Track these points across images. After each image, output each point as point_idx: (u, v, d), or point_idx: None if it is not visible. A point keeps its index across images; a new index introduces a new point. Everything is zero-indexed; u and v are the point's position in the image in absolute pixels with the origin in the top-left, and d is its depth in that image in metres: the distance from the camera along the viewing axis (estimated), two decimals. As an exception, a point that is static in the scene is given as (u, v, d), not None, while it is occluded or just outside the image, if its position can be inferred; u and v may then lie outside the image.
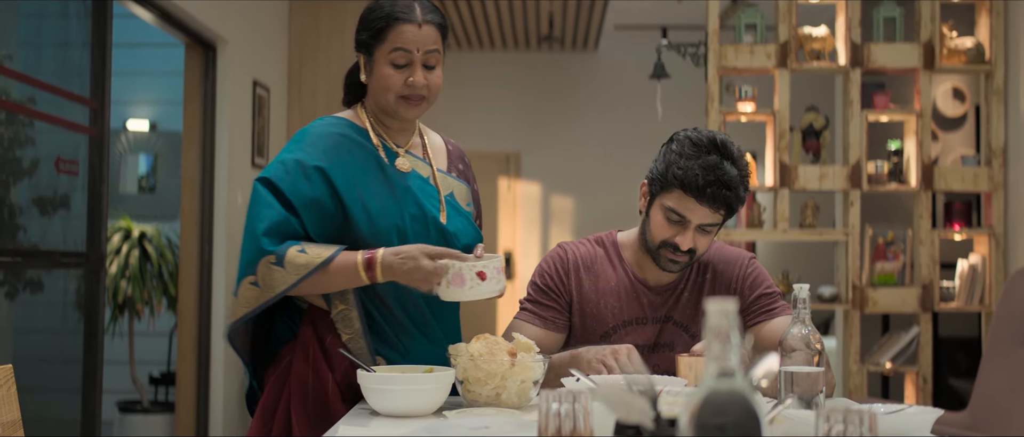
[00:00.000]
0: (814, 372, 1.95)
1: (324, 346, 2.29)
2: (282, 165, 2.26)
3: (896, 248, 5.25)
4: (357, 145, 2.32)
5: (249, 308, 2.21)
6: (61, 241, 4.25)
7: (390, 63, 2.28)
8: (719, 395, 1.06)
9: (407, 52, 2.27)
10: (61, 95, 4.09)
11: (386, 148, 2.36)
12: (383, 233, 2.24)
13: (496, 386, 2.05)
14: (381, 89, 2.30)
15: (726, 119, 5.22)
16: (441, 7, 7.77)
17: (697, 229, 2.37)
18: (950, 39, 5.21)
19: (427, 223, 2.30)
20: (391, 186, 2.30)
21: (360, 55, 2.35)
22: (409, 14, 2.27)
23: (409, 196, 2.30)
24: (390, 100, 2.30)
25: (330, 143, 2.29)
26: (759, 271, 2.54)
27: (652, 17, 7.77)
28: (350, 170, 2.27)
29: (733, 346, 1.08)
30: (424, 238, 2.28)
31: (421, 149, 2.44)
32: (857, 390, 5.11)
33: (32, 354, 4.46)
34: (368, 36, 2.30)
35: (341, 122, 2.36)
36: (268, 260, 2.17)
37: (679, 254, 2.38)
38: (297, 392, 2.28)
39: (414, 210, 2.29)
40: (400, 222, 2.26)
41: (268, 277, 2.17)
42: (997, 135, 5.10)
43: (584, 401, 1.49)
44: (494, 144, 9.37)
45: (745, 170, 2.38)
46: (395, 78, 2.28)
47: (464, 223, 2.39)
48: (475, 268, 2.09)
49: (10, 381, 2.01)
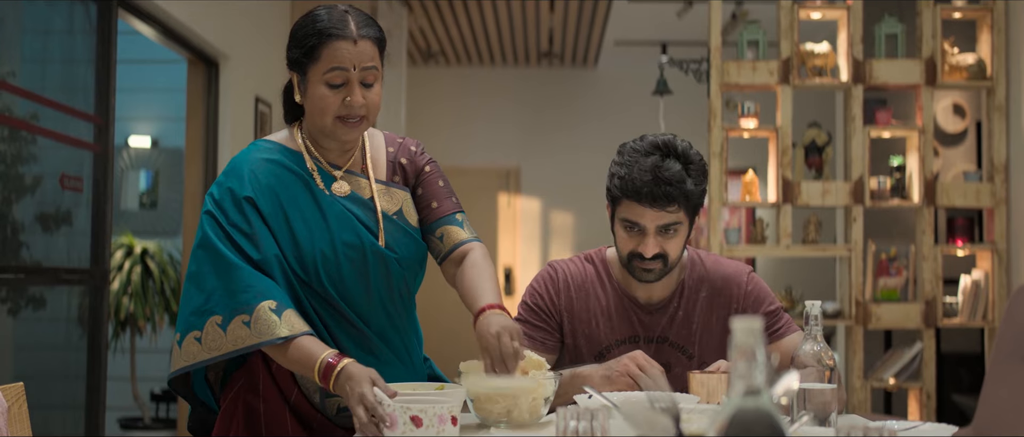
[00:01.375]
0: (827, 389, 1.95)
1: (272, 372, 2.21)
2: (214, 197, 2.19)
3: (899, 264, 5.25)
4: (287, 171, 2.21)
5: (191, 362, 2.13)
6: (64, 258, 4.25)
7: (325, 83, 2.12)
8: (746, 413, 1.06)
9: (343, 71, 2.11)
10: (66, 112, 4.09)
11: (322, 172, 2.23)
12: (308, 260, 2.15)
13: (508, 404, 2.02)
14: (317, 111, 2.15)
15: (729, 135, 5.23)
16: (441, 23, 7.79)
17: (658, 233, 2.34)
18: (952, 55, 5.22)
19: (364, 249, 2.19)
20: (322, 213, 2.19)
21: (293, 74, 2.20)
22: (343, 29, 2.11)
23: (344, 222, 2.19)
24: (327, 122, 2.15)
25: (259, 169, 2.19)
26: (759, 288, 2.51)
27: (652, 33, 7.78)
28: (277, 197, 2.17)
29: (759, 364, 1.08)
30: (360, 264, 2.18)
31: (361, 164, 2.29)
32: (861, 406, 5.10)
33: (35, 371, 4.44)
34: (300, 54, 2.15)
35: (273, 147, 2.24)
36: (215, 320, 2.10)
37: (647, 262, 2.35)
38: (247, 424, 2.21)
39: (349, 237, 2.18)
40: (327, 249, 2.16)
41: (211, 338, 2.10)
42: (999, 151, 5.11)
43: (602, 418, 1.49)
44: (494, 159, 9.38)
45: (694, 163, 2.35)
46: (331, 99, 2.12)
47: (409, 243, 2.26)
48: (411, 410, 1.81)
49: (21, 399, 2.01)
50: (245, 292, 2.09)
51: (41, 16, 4.22)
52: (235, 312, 2.07)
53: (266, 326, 2.06)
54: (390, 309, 2.25)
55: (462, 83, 9.36)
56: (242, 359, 2.25)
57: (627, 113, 8.98)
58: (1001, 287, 5.06)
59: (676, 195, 2.29)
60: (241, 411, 2.21)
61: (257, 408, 2.20)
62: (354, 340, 2.22)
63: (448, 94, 9.41)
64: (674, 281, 2.49)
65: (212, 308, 2.09)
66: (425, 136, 9.14)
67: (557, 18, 7.67)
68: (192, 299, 2.14)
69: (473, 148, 9.35)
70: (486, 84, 9.41)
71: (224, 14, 5.13)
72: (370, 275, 2.20)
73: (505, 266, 9.35)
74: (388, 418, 1.78)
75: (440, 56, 8.95)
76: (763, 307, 2.48)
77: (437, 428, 1.79)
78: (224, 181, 2.19)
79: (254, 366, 2.21)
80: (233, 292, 2.09)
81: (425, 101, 9.24)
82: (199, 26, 4.81)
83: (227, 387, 2.26)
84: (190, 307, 2.13)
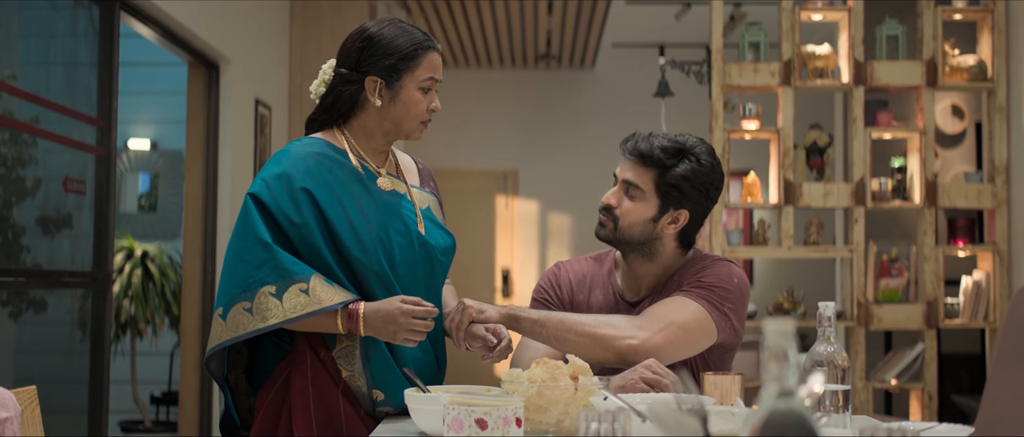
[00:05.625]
0: (841, 390, 1.95)
1: (321, 358, 2.29)
2: (265, 184, 2.27)
3: (900, 265, 5.26)
4: (337, 164, 2.34)
5: (240, 333, 2.19)
6: (67, 261, 4.23)
7: (420, 89, 2.33)
8: (779, 415, 1.06)
9: (436, 80, 2.35)
10: (68, 114, 4.08)
11: (366, 168, 2.38)
12: (370, 247, 2.26)
13: (560, 413, 1.92)
14: (405, 114, 2.34)
15: (730, 137, 5.23)
16: (439, 26, 7.79)
17: (622, 187, 2.43)
18: (952, 57, 5.23)
19: (411, 237, 2.34)
20: (374, 202, 2.33)
21: (377, 79, 2.33)
22: (434, 43, 2.35)
23: (392, 212, 2.34)
24: (412, 125, 2.36)
25: (312, 163, 2.31)
26: (714, 266, 2.44)
27: (650, 35, 7.79)
28: (332, 189, 2.28)
29: (791, 366, 1.07)
30: (408, 252, 2.32)
31: (395, 168, 2.48)
32: (862, 407, 5.11)
33: (37, 375, 4.43)
34: (397, 61, 2.31)
35: (319, 142, 2.37)
36: (268, 290, 2.18)
37: (602, 214, 2.45)
38: (299, 410, 2.26)
39: (399, 225, 2.33)
40: (385, 237, 2.29)
41: (264, 307, 2.17)
42: (1000, 152, 5.11)
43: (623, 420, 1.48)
44: (492, 162, 9.38)
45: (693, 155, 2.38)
46: (422, 104, 2.34)
47: (442, 235, 2.44)
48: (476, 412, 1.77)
49: (34, 403, 2.00)
50: (295, 264, 2.20)
51: (43, 19, 4.21)
52: (290, 281, 2.17)
53: (326, 293, 2.17)
54: (431, 297, 2.38)
55: (460, 85, 9.36)
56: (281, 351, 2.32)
57: (625, 115, 8.98)
58: (1002, 288, 5.07)
59: (646, 155, 2.37)
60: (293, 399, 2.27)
61: (307, 392, 2.27)
62: None
63: (446, 96, 9.37)
64: (658, 277, 2.48)
65: (264, 278, 2.18)
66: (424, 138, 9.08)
67: (555, 20, 7.67)
68: (237, 272, 2.21)
69: (471, 150, 9.35)
70: (484, 86, 9.40)
71: (225, 17, 5.13)
72: (417, 262, 2.34)
73: (503, 268, 9.34)
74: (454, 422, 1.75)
75: (438, 58, 8.95)
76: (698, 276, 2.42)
77: (502, 430, 1.76)
78: (278, 169, 2.29)
79: (301, 353, 2.29)
80: (282, 265, 2.19)
81: (423, 103, 9.23)
82: (200, 29, 4.80)
83: (268, 383, 2.32)
84: (236, 280, 2.21)
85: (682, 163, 2.37)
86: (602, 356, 2.29)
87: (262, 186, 2.27)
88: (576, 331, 2.29)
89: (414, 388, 2.14)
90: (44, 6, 4.19)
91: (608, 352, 2.28)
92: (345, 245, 2.24)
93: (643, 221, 2.41)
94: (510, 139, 9.36)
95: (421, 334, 2.20)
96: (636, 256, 2.47)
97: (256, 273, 2.19)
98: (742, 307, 2.43)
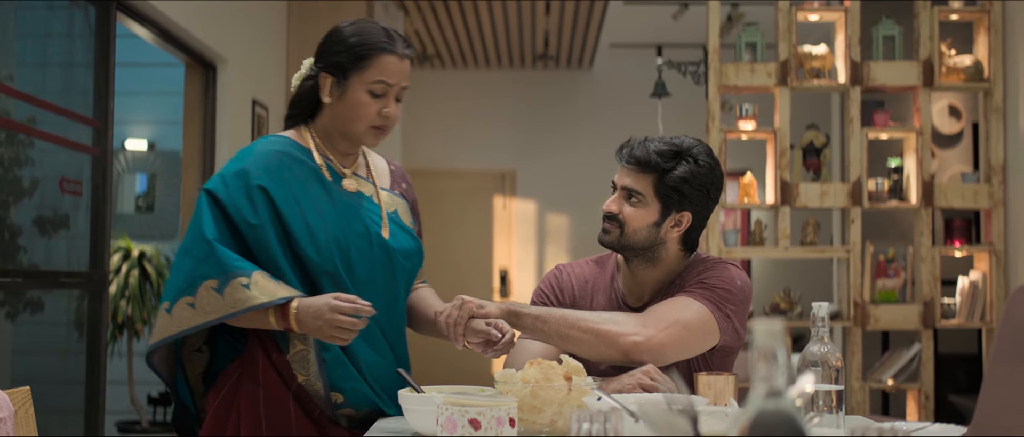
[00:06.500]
0: (835, 390, 1.95)
1: (273, 361, 2.25)
2: (223, 180, 2.24)
3: (897, 265, 5.26)
4: (298, 163, 2.30)
5: (182, 328, 2.17)
6: (63, 261, 4.23)
7: (368, 91, 2.26)
8: (767, 415, 1.06)
9: (387, 84, 2.27)
10: (64, 115, 4.08)
11: (330, 169, 2.34)
12: (325, 248, 2.23)
13: (554, 413, 1.93)
14: (353, 116, 2.28)
15: (727, 137, 5.23)
16: (437, 26, 7.79)
17: (623, 195, 2.41)
18: (949, 57, 5.24)
19: (371, 240, 2.30)
20: (333, 203, 2.29)
21: (328, 76, 2.30)
22: (393, 46, 2.28)
23: (353, 213, 2.30)
24: (360, 128, 2.29)
25: (272, 161, 2.28)
26: (715, 267, 2.44)
27: (647, 36, 7.79)
28: (290, 187, 2.25)
29: (780, 366, 1.08)
30: (367, 254, 2.29)
31: (365, 169, 2.44)
32: (859, 407, 5.11)
33: (34, 375, 4.43)
34: (346, 59, 2.27)
35: (283, 141, 2.34)
36: (210, 284, 2.15)
37: (605, 221, 2.43)
38: (247, 414, 2.24)
39: (359, 227, 2.30)
40: (342, 238, 2.26)
41: (206, 302, 2.15)
42: (996, 152, 5.12)
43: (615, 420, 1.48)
44: (489, 162, 9.38)
45: (692, 156, 2.37)
46: (371, 107, 2.27)
47: (407, 239, 2.40)
48: (470, 412, 1.75)
49: (28, 403, 2.00)
50: (238, 261, 2.17)
51: (39, 19, 4.21)
52: (232, 276, 2.14)
53: (266, 289, 2.13)
54: (391, 301, 2.35)
55: (458, 86, 9.36)
56: (234, 351, 2.29)
57: (622, 115, 8.98)
58: (999, 288, 5.07)
59: (644, 161, 2.36)
60: (241, 403, 2.24)
61: (257, 397, 2.24)
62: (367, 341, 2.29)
63: (444, 97, 9.40)
64: (661, 282, 2.47)
65: (206, 273, 2.15)
66: (421, 139, 9.14)
67: (553, 21, 7.68)
68: (183, 267, 2.19)
69: (469, 150, 9.35)
70: (482, 87, 9.40)
71: (222, 17, 5.13)
72: (376, 265, 2.31)
73: (501, 269, 9.34)
74: (448, 422, 1.74)
75: (436, 59, 8.95)
76: (701, 277, 2.41)
77: (496, 430, 1.76)
78: (236, 167, 2.26)
79: (253, 356, 2.26)
80: (225, 262, 2.16)
81: (421, 103, 9.23)
82: (196, 29, 4.80)
83: (218, 382, 2.29)
84: (181, 275, 2.18)
85: (680, 165, 2.36)
86: (606, 353, 2.28)
87: (219, 183, 2.24)
88: (580, 327, 2.27)
89: (408, 388, 2.14)
90: (40, 6, 4.19)
91: (612, 349, 2.26)
92: (300, 245, 2.22)
93: (647, 226, 2.40)
94: (508, 139, 9.36)
95: (349, 332, 2.14)
96: (640, 261, 2.45)
97: (199, 267, 2.17)
98: (744, 310, 2.42)
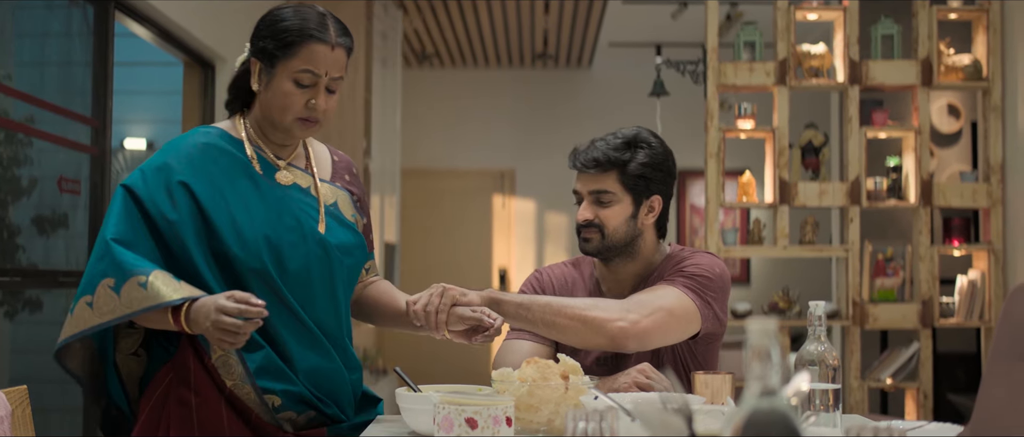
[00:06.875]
0: (832, 389, 1.96)
1: (205, 365, 2.14)
2: (142, 174, 2.15)
3: (895, 264, 5.26)
4: (225, 154, 2.20)
5: (81, 328, 2.07)
6: (62, 260, 4.24)
7: (293, 81, 2.14)
8: (761, 414, 1.06)
9: (315, 75, 2.14)
10: (63, 114, 4.08)
11: (263, 160, 2.23)
12: (251, 244, 2.13)
13: (551, 412, 1.93)
14: (278, 107, 2.16)
15: (725, 136, 5.23)
16: (436, 25, 7.79)
17: (593, 201, 2.45)
18: (948, 56, 5.24)
19: (304, 234, 2.19)
20: (262, 197, 2.18)
21: (256, 62, 2.19)
22: (323, 34, 2.14)
23: (284, 207, 2.19)
24: (286, 119, 2.17)
25: (196, 153, 2.18)
26: (694, 256, 2.47)
27: (646, 34, 7.79)
28: (214, 180, 2.15)
29: (774, 365, 1.08)
30: (300, 249, 2.17)
31: (304, 160, 2.32)
32: (857, 406, 5.11)
33: (32, 374, 4.43)
34: (274, 46, 2.14)
35: (212, 132, 2.24)
36: (107, 282, 2.05)
37: (584, 230, 2.46)
38: (178, 420, 2.13)
39: (290, 221, 2.18)
40: (271, 233, 2.15)
41: (103, 301, 2.05)
42: (995, 151, 5.12)
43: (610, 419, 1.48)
44: (488, 161, 9.38)
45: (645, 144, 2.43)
46: (296, 98, 2.15)
47: (347, 233, 2.29)
48: (466, 411, 1.74)
49: (25, 403, 2.00)
50: (138, 262, 2.07)
51: (38, 18, 4.21)
52: (130, 275, 2.04)
53: (163, 289, 2.02)
54: (329, 299, 2.24)
55: (457, 85, 9.36)
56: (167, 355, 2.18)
57: (622, 114, 8.96)
58: (998, 287, 5.07)
59: (602, 160, 2.40)
60: (171, 408, 2.14)
61: (189, 402, 2.13)
62: (291, 330, 2.18)
63: (443, 96, 9.40)
64: (640, 275, 2.50)
65: (105, 271, 2.06)
66: (420, 138, 9.14)
67: (552, 20, 7.68)
68: (89, 267, 2.10)
69: (468, 150, 9.35)
70: (481, 86, 9.40)
71: (220, 17, 5.13)
72: (312, 261, 2.20)
73: (500, 268, 9.34)
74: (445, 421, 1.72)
75: (435, 58, 8.95)
76: (680, 266, 2.44)
77: (492, 429, 1.74)
78: (158, 161, 2.17)
79: (184, 359, 2.15)
80: (123, 262, 2.06)
81: (420, 103, 9.24)
82: (195, 28, 4.80)
83: (150, 388, 2.18)
84: (86, 274, 2.10)
85: (637, 153, 2.43)
86: (592, 340, 2.28)
87: (138, 178, 2.15)
88: (566, 314, 2.27)
89: (405, 387, 2.14)
90: (38, 5, 4.19)
91: (599, 335, 2.26)
92: (224, 242, 2.12)
93: (625, 221, 2.44)
94: (507, 139, 9.36)
95: (234, 335, 1.98)
96: (620, 258, 2.49)
97: (98, 265, 2.07)
98: (724, 297, 2.45)
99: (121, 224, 2.10)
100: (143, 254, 2.09)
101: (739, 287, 8.78)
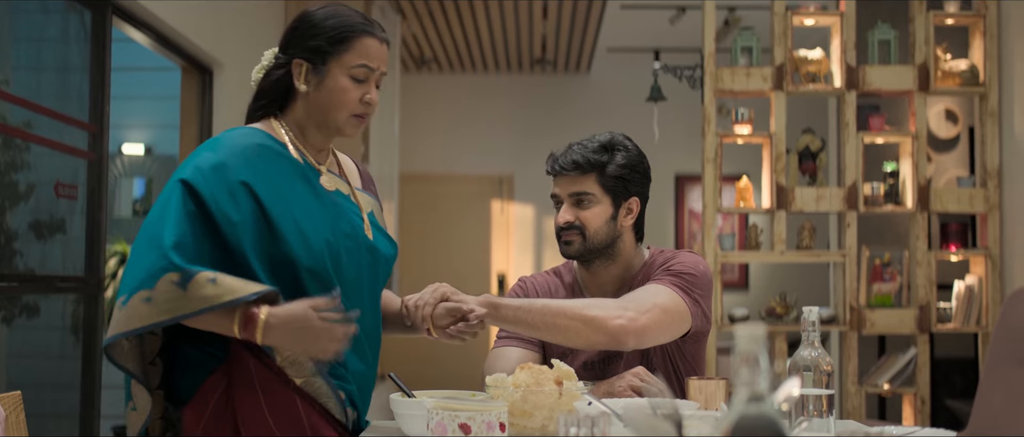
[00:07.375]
0: (825, 394, 1.96)
1: (266, 364, 2.04)
2: (201, 172, 2.02)
3: (893, 269, 5.26)
4: (280, 156, 2.11)
5: (136, 326, 1.92)
6: (59, 266, 4.24)
7: (350, 76, 2.11)
8: (749, 419, 1.06)
9: (369, 69, 2.12)
10: (60, 119, 4.09)
11: (307, 163, 2.16)
12: (316, 249, 2.05)
13: (544, 418, 1.92)
14: (334, 103, 2.11)
15: (723, 141, 5.23)
16: (434, 30, 7.80)
17: (573, 203, 2.49)
18: (944, 61, 5.24)
19: (358, 241, 2.16)
20: (321, 201, 2.13)
21: (302, 62, 2.12)
22: (373, 29, 2.14)
23: (340, 212, 2.15)
24: (342, 116, 2.12)
25: (252, 153, 2.07)
26: (678, 255, 2.49)
27: (645, 40, 7.80)
28: (274, 183, 2.06)
29: (762, 370, 1.08)
30: (355, 256, 2.14)
31: (337, 166, 2.28)
32: (855, 411, 5.11)
33: (29, 379, 4.43)
34: (325, 43, 2.11)
35: (257, 132, 2.14)
36: (170, 278, 1.91)
37: (564, 233, 2.49)
38: (252, 421, 2.03)
39: (346, 227, 2.14)
40: (331, 238, 2.09)
41: (165, 297, 1.91)
42: (992, 156, 5.12)
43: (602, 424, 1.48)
44: (487, 166, 9.38)
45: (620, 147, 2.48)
46: (352, 93, 2.11)
47: (384, 240, 2.27)
48: (460, 417, 1.72)
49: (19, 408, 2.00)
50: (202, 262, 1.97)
51: (35, 23, 4.21)
52: (197, 271, 1.91)
53: (236, 283, 1.92)
54: (373, 305, 2.24)
55: (455, 90, 9.36)
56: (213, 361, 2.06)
57: (620, 119, 8.96)
58: (995, 292, 5.07)
59: (581, 162, 2.45)
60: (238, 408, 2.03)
61: (259, 401, 2.03)
62: None
63: (441, 101, 9.41)
64: (622, 278, 2.53)
65: (168, 266, 1.91)
66: (419, 143, 9.14)
67: (550, 25, 7.68)
68: (144, 258, 1.96)
69: (466, 155, 9.35)
70: (479, 91, 9.41)
71: (218, 21, 5.13)
72: (362, 267, 2.17)
73: (499, 273, 9.35)
74: (438, 427, 1.72)
75: (433, 63, 8.96)
76: (665, 266, 2.46)
77: (486, 434, 1.73)
78: (214, 159, 2.04)
79: (241, 362, 2.04)
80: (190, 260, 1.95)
81: (418, 108, 9.24)
82: (193, 33, 4.81)
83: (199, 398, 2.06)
84: (141, 265, 1.95)
85: (615, 155, 2.47)
86: (593, 339, 2.28)
87: (197, 175, 2.01)
88: (565, 315, 2.27)
89: (399, 393, 2.13)
90: (36, 10, 4.19)
91: (599, 333, 2.26)
92: (288, 246, 2.02)
93: (605, 222, 2.48)
94: (505, 144, 9.37)
95: (337, 341, 1.95)
96: (601, 260, 2.51)
97: (157, 260, 1.93)
98: (709, 295, 2.48)
99: (181, 224, 1.97)
100: (202, 254, 1.98)
101: (737, 292, 8.78)
